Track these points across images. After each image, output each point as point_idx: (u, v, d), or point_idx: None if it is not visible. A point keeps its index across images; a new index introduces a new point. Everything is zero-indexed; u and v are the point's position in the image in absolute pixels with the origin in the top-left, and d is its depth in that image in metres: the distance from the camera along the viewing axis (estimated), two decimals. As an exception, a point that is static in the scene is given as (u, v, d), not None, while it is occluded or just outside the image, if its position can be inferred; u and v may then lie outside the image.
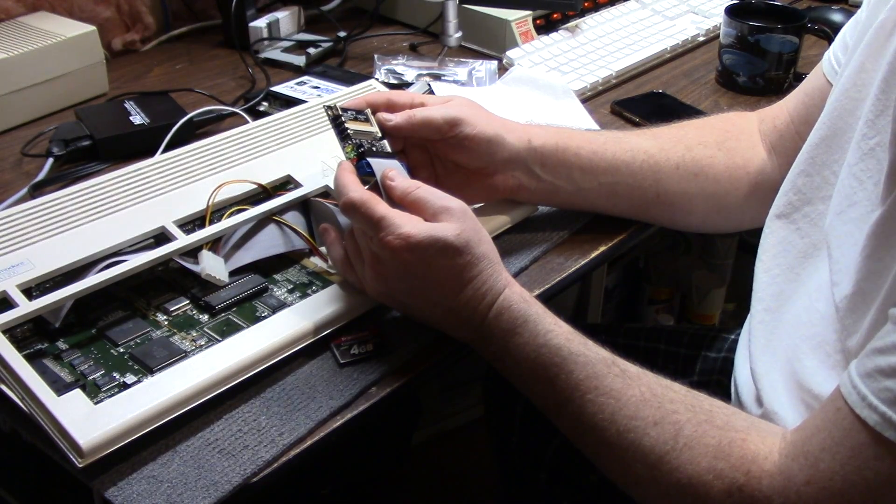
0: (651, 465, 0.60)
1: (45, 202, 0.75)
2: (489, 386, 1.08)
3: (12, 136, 1.03)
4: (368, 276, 0.68)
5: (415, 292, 0.67)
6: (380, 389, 0.67)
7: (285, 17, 1.28)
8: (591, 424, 0.63)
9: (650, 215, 0.85)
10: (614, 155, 0.80)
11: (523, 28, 1.23)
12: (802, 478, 0.55)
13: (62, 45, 1.07)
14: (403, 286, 0.67)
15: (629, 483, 0.63)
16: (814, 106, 0.78)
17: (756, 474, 0.57)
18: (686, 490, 0.59)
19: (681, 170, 0.81)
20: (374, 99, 0.76)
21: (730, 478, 0.57)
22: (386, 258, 0.65)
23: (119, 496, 0.58)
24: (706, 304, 1.71)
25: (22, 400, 0.61)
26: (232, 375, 0.65)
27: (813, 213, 0.71)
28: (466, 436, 1.64)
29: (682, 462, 0.59)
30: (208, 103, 1.04)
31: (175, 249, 0.72)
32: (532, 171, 0.79)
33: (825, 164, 0.70)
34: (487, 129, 0.76)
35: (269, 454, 0.61)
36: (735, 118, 0.88)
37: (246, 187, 0.80)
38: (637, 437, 0.61)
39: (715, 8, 1.36)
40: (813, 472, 0.54)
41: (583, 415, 0.63)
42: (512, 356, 0.66)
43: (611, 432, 0.62)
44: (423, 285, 0.66)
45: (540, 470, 0.92)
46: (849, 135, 0.66)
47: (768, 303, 0.73)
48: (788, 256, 0.72)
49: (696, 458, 0.58)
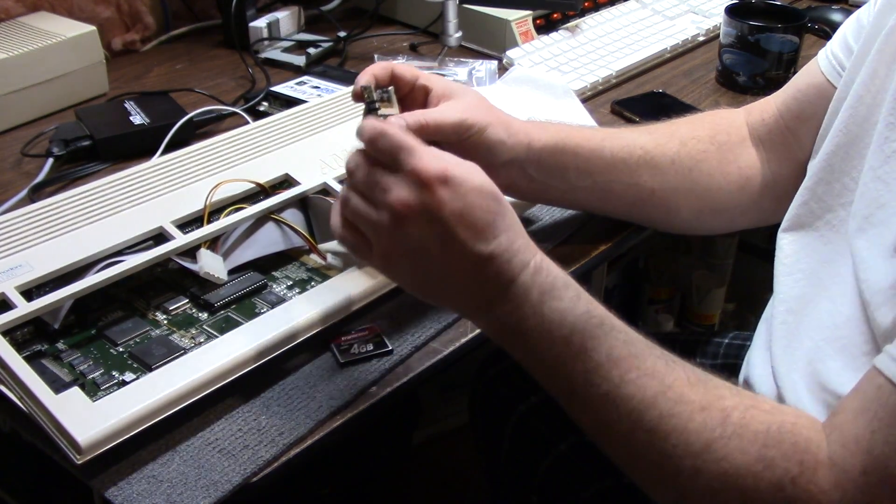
0: (695, 454, 0.55)
1: (43, 205, 0.75)
2: (476, 403, 1.05)
3: (12, 136, 1.03)
4: (381, 232, 0.58)
5: (437, 241, 0.57)
6: (380, 389, 0.67)
7: (285, 17, 1.28)
8: (629, 409, 0.57)
9: (641, 214, 0.84)
10: (612, 153, 0.80)
11: (523, 28, 1.23)
12: (858, 467, 0.51)
13: (62, 45, 1.07)
14: (424, 234, 0.57)
15: (665, 477, 0.57)
16: (808, 102, 0.78)
17: (811, 464, 0.53)
18: (732, 482, 0.54)
19: (676, 164, 0.81)
20: (378, 73, 0.70)
21: (782, 468, 0.53)
22: (411, 201, 0.56)
23: (119, 496, 0.58)
24: (706, 304, 1.71)
25: (21, 399, 0.61)
26: (231, 370, 0.65)
27: (835, 220, 0.71)
28: (466, 436, 1.64)
29: (731, 450, 0.54)
30: (208, 103, 1.04)
31: (173, 249, 0.72)
32: (526, 172, 0.78)
33: (844, 171, 0.70)
34: (491, 135, 0.74)
35: (269, 454, 0.61)
36: (723, 113, 0.88)
37: (244, 186, 0.80)
38: (681, 423, 0.55)
39: (715, 8, 1.36)
40: (867, 459, 0.51)
41: (619, 397, 0.57)
42: (545, 322, 0.58)
43: (650, 416, 0.56)
44: (450, 231, 0.56)
45: (531, 491, 0.92)
46: (866, 140, 0.66)
47: (790, 304, 0.72)
48: (811, 261, 0.72)
49: (745, 447, 0.54)
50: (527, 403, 0.95)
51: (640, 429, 0.56)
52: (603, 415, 0.58)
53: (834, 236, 0.70)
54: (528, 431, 0.94)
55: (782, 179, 0.82)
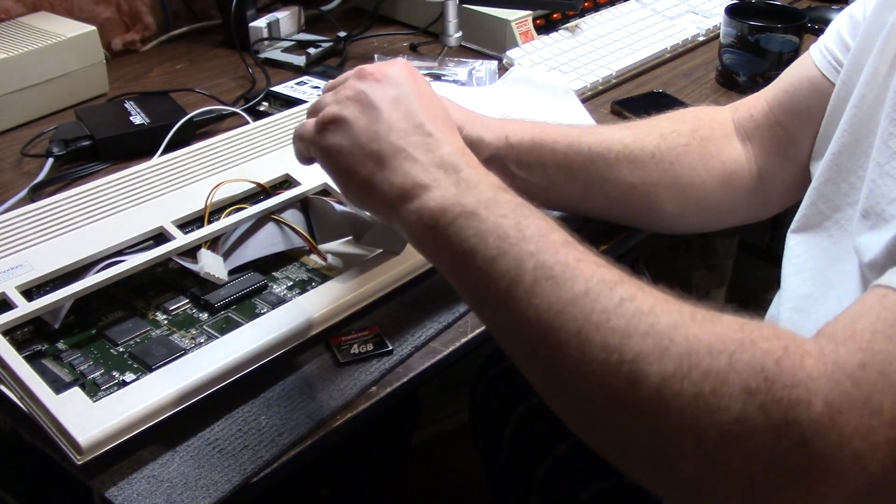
0: (659, 333, 0.46)
1: (44, 204, 0.75)
2: (476, 403, 1.05)
3: (12, 136, 1.03)
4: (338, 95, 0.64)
5: (389, 96, 0.62)
6: (380, 389, 0.67)
7: (285, 17, 1.28)
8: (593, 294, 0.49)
9: (624, 210, 0.83)
10: (589, 147, 0.79)
11: (523, 28, 1.23)
12: (855, 361, 0.44)
13: (62, 45, 1.07)
14: (385, 85, 0.63)
15: (624, 361, 0.47)
16: (801, 97, 0.78)
17: (796, 352, 0.45)
18: (703, 359, 0.45)
19: (656, 158, 0.80)
20: None
21: (762, 348, 0.45)
22: (374, 68, 0.65)
23: (119, 496, 0.58)
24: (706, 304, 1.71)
25: (21, 399, 0.62)
26: (232, 370, 0.65)
27: (843, 220, 0.71)
28: (466, 436, 1.64)
29: (703, 330, 0.46)
30: (208, 103, 1.04)
31: (173, 249, 0.72)
32: (508, 169, 0.78)
33: (851, 170, 0.70)
34: (471, 133, 0.74)
35: (269, 454, 0.61)
36: (707, 109, 0.87)
37: (244, 186, 0.80)
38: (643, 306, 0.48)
39: (715, 8, 1.36)
40: (867, 355, 0.45)
41: (577, 281, 0.50)
42: (497, 206, 0.55)
43: (611, 300, 0.48)
44: (404, 92, 0.62)
45: (530, 492, 0.92)
46: (871, 139, 0.66)
47: (797, 303, 0.73)
48: (819, 261, 0.72)
49: (716, 330, 0.46)
50: (527, 404, 0.95)
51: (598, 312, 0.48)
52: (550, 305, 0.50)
53: (842, 235, 0.70)
54: (527, 432, 0.94)
55: (770, 175, 0.82)
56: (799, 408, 0.43)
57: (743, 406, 0.44)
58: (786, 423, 0.43)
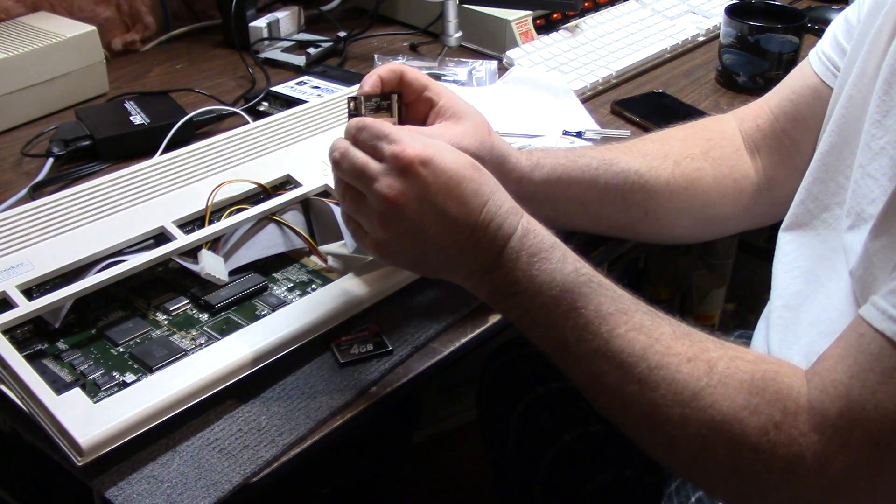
0: (683, 403, 0.56)
1: (45, 203, 0.75)
2: (483, 394, 1.06)
3: (12, 136, 1.03)
4: (373, 220, 0.61)
5: (429, 219, 0.60)
6: (380, 389, 0.67)
7: (285, 17, 1.28)
8: (618, 362, 0.58)
9: (635, 232, 0.84)
10: (606, 182, 0.78)
11: (523, 28, 1.23)
12: (835, 410, 0.52)
13: (62, 45, 1.07)
14: (416, 214, 0.60)
15: (655, 427, 0.58)
16: (804, 104, 0.78)
17: (792, 410, 0.54)
18: (720, 428, 0.55)
19: (671, 185, 0.80)
20: (386, 77, 0.71)
21: (766, 414, 0.54)
22: (398, 186, 0.59)
23: (119, 496, 0.58)
24: (706, 304, 1.71)
25: (22, 400, 0.62)
26: (232, 373, 0.65)
27: (831, 219, 0.71)
28: (466, 436, 1.64)
29: (717, 398, 0.56)
30: (208, 103, 1.04)
31: (174, 249, 0.72)
32: None
33: (838, 169, 0.70)
34: (494, 165, 0.72)
35: (269, 454, 0.61)
36: (714, 124, 0.87)
37: (245, 187, 0.80)
38: (670, 374, 0.57)
39: (715, 8, 1.36)
40: (844, 404, 0.52)
41: (609, 351, 0.59)
42: (535, 283, 0.60)
43: (640, 369, 0.58)
44: (440, 207, 0.59)
45: (535, 482, 0.92)
46: (857, 140, 0.67)
47: (787, 300, 0.73)
48: (809, 259, 0.73)
49: (730, 395, 0.55)
50: (533, 394, 0.95)
51: (630, 381, 0.58)
52: (594, 368, 0.60)
53: (830, 234, 0.71)
54: (533, 422, 0.94)
55: (777, 184, 0.82)
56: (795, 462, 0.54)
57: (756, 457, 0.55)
58: (787, 472, 0.54)
